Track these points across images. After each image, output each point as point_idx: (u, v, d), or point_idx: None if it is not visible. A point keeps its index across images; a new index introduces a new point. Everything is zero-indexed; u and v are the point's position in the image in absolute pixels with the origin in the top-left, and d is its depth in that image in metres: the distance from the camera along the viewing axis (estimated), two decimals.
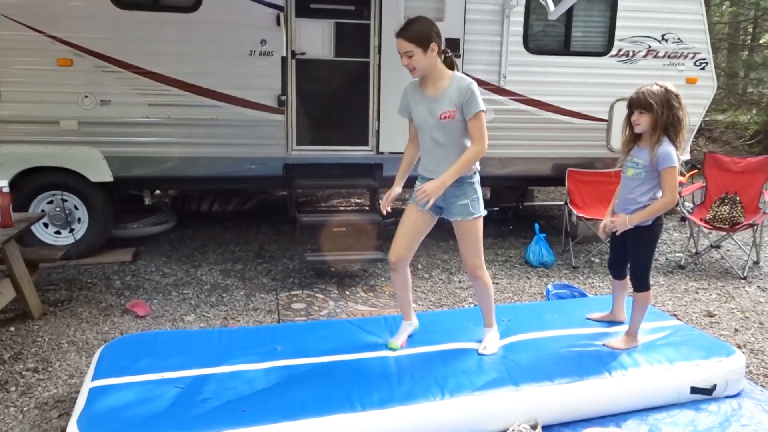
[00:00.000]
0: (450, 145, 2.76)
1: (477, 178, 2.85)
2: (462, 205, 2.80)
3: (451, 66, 2.80)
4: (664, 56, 5.56)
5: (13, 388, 3.07)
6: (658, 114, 2.85)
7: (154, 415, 2.39)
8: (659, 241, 3.19)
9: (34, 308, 3.86)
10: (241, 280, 4.67)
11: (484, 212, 2.87)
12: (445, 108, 2.70)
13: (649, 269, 3.12)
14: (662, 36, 5.52)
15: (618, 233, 3.03)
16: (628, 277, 3.22)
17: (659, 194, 2.94)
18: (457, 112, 2.69)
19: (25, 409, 2.90)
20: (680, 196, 5.47)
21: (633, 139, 3.02)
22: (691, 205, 5.83)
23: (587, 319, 3.41)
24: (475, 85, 2.70)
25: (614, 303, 3.39)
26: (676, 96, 2.88)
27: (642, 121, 2.91)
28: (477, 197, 2.83)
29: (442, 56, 2.76)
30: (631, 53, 5.50)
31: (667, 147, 2.87)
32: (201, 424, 2.34)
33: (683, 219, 6.23)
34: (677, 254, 5.55)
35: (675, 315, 4.12)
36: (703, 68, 5.64)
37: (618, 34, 5.45)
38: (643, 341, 3.13)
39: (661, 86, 2.90)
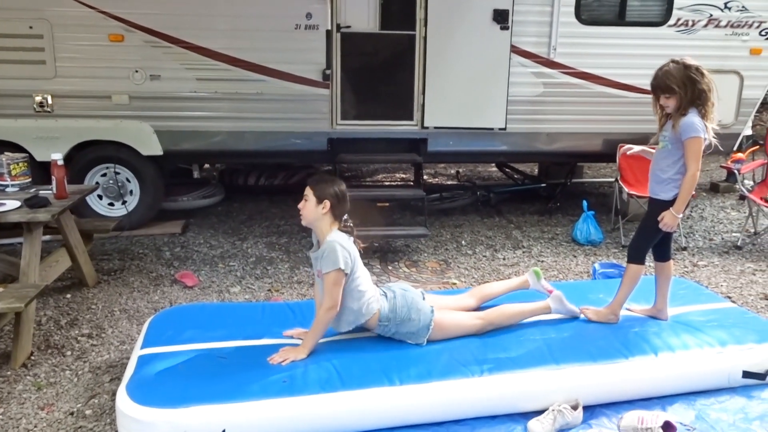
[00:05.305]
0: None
1: None
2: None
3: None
4: (726, 26, 5.26)
5: (69, 353, 3.22)
6: (681, 96, 2.80)
7: (198, 383, 2.46)
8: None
9: (89, 277, 4.03)
10: (285, 254, 4.74)
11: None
12: (320, 266, 2.69)
13: (650, 244, 3.05)
14: (725, 4, 5.22)
15: (671, 228, 2.93)
16: (671, 260, 3.12)
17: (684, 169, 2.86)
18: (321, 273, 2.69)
19: (79, 372, 3.03)
20: (739, 174, 5.23)
21: (667, 117, 2.95)
22: (752, 183, 5.56)
23: (627, 309, 3.16)
24: (335, 243, 2.64)
25: (657, 294, 3.13)
26: (697, 69, 2.79)
27: (670, 104, 2.87)
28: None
29: (337, 222, 2.74)
30: (690, 23, 5.23)
31: (691, 117, 2.80)
32: (242, 392, 2.40)
33: (742, 197, 5.95)
34: (734, 234, 5.31)
35: (729, 297, 3.96)
36: None
37: (677, 2, 5.17)
38: (695, 322, 3.04)
39: (678, 63, 2.82)
